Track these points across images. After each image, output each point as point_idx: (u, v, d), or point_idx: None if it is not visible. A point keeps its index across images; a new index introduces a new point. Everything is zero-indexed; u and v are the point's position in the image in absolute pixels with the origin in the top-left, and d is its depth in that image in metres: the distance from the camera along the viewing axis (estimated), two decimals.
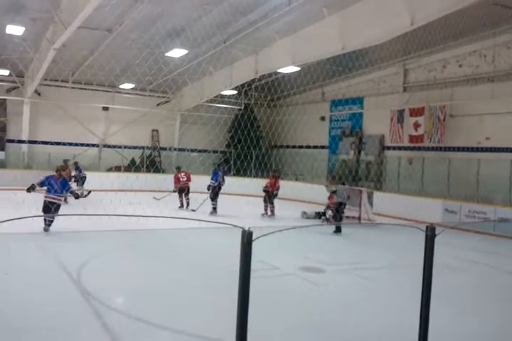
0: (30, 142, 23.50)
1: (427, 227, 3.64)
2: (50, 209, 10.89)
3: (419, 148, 19.07)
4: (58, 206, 11.14)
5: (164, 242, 10.57)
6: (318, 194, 15.13)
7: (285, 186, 14.98)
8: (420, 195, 16.72)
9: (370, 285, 7.90)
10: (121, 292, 7.08)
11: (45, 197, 11.19)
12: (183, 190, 16.57)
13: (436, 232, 3.71)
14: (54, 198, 11.11)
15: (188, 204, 16.63)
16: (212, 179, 15.81)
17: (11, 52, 17.89)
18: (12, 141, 23.46)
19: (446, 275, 5.09)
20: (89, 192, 11.32)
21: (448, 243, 5.09)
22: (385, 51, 17.15)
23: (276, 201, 15.79)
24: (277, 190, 15.67)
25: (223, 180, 15.92)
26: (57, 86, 22.89)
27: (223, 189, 16.03)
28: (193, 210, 15.79)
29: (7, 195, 18.94)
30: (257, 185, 20.96)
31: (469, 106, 17.20)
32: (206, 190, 15.75)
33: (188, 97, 24.72)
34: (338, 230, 13.00)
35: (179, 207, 16.56)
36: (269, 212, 15.57)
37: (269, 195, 15.62)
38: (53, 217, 10.81)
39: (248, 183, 21.05)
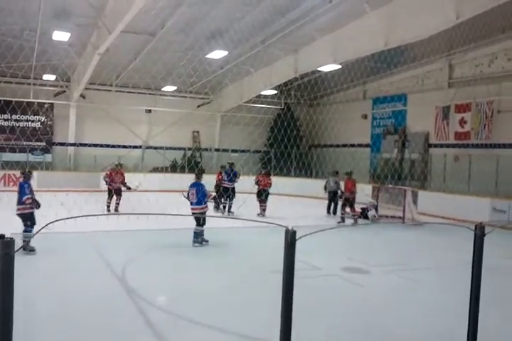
0: (76, 145, 24.19)
1: (475, 226, 3.53)
2: (199, 221, 9.79)
3: (465, 145, 18.52)
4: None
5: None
6: (360, 193, 14.94)
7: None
8: (467, 194, 16.20)
9: (415, 286, 7.72)
10: (164, 290, 7.18)
11: (193, 209, 9.95)
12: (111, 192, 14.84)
13: (485, 232, 3.59)
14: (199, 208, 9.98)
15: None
16: (233, 179, 15.49)
17: (59, 57, 18.44)
18: (63, 144, 24.09)
19: (494, 276, 4.92)
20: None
21: (496, 243, 4.90)
22: (429, 46, 16.72)
23: (319, 201, 15.63)
24: (269, 187, 15.19)
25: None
26: (102, 90, 23.50)
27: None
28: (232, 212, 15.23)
29: (57, 196, 19.54)
30: (297, 184, 20.86)
31: None
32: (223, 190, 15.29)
33: (228, 98, 24.86)
34: (330, 211, 15.28)
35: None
36: (260, 211, 15.01)
37: (260, 193, 15.16)
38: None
39: (287, 183, 20.83)
